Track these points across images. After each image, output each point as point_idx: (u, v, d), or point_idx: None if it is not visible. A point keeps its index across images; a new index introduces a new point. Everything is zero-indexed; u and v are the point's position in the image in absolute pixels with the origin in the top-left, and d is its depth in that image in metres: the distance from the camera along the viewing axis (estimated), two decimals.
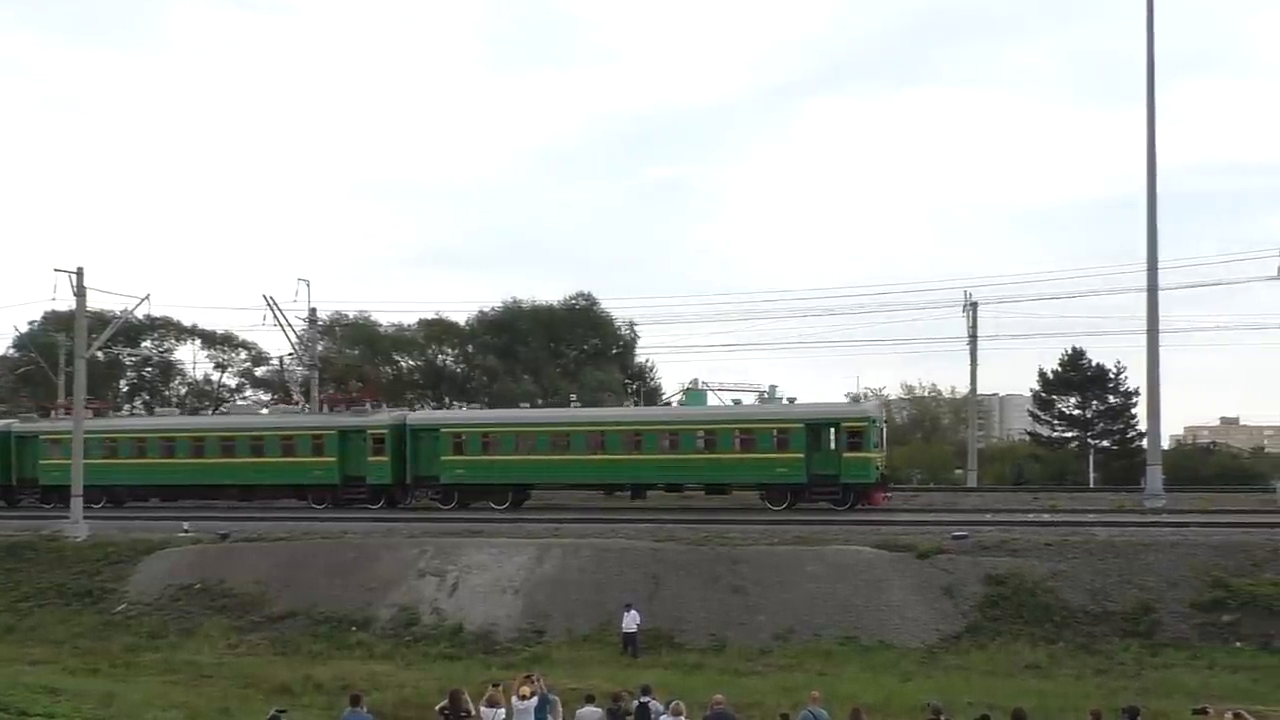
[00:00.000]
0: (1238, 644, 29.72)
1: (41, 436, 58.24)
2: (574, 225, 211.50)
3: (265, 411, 60.83)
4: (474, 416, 55.48)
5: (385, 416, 53.66)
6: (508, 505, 50.80)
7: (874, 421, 48.15)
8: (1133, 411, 74.75)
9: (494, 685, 22.27)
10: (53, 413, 62.39)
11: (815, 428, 47.33)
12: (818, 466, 46.92)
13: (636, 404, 70.45)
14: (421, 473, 52.28)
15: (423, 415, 55.09)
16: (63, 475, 54.97)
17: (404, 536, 40.48)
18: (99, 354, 60.70)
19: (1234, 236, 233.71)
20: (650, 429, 50.05)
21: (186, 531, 43.26)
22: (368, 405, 55.63)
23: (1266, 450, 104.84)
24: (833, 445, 46.92)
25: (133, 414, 73.27)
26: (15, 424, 61.23)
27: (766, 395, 57.48)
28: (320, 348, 75.10)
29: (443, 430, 52.17)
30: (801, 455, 46.89)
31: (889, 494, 49.69)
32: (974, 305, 65.99)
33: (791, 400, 51.52)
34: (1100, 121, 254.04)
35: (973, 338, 66.21)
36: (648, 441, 49.51)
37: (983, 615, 31.98)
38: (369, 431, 52.50)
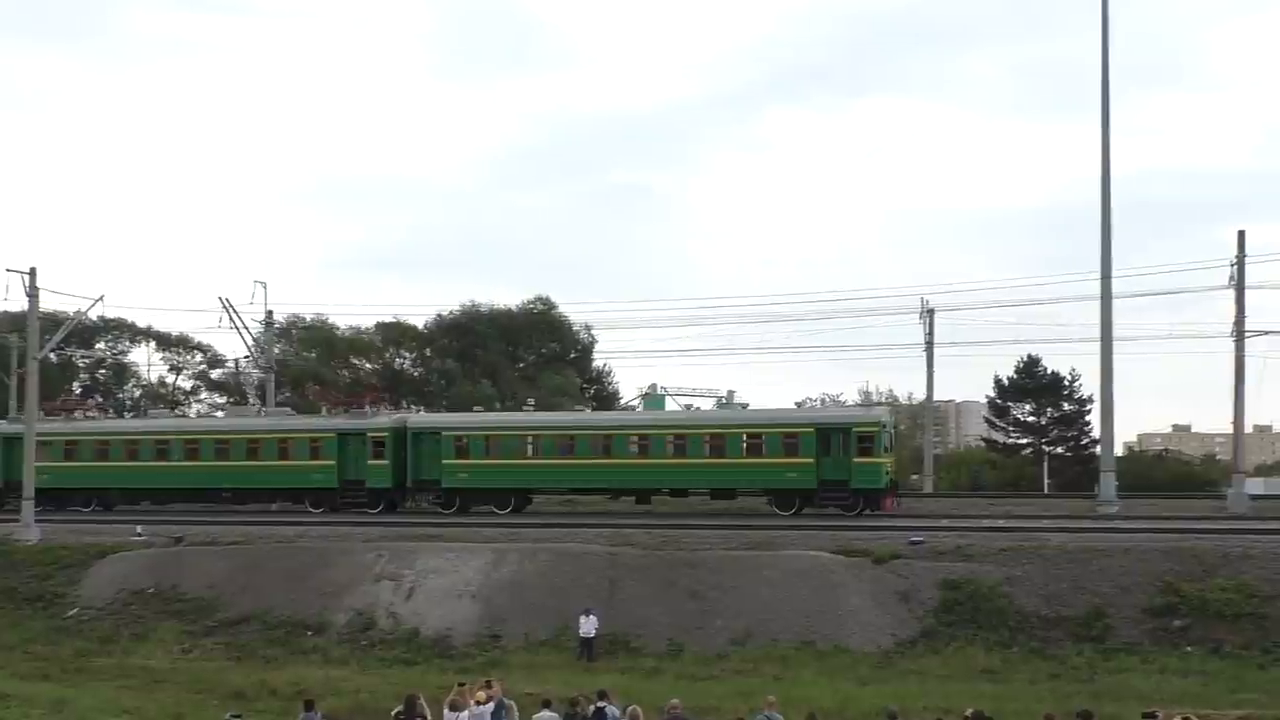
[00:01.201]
0: (1188, 649, 29.99)
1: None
2: (532, 229, 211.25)
3: (262, 414, 59.47)
4: (477, 420, 54.38)
5: (385, 419, 52.82)
6: (510, 510, 50.06)
7: (885, 427, 47.75)
8: (1087, 419, 75.54)
9: (460, 684, 22.26)
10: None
11: (826, 432, 46.65)
12: (828, 472, 46.23)
13: (595, 408, 70.17)
14: (422, 476, 51.37)
15: (424, 418, 54.21)
16: (54, 478, 54.47)
17: (360, 540, 40.26)
18: (52, 356, 59.85)
19: (1186, 246, 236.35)
20: (658, 433, 49.27)
21: (140, 535, 42.85)
22: (367, 408, 54.81)
23: (1217, 458, 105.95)
24: (843, 451, 46.22)
25: (124, 416, 71.57)
26: (3, 424, 59.88)
27: (724, 401, 57.58)
28: (276, 350, 74.81)
29: (445, 433, 51.20)
30: (812, 460, 46.33)
31: (899, 500, 49.07)
32: (931, 312, 66.38)
33: (744, 405, 51.57)
34: (1053, 131, 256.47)
35: (929, 345, 66.61)
36: (655, 446, 48.93)
37: (938, 620, 32.15)
38: (369, 434, 51.57)
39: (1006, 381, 77.78)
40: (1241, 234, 52.22)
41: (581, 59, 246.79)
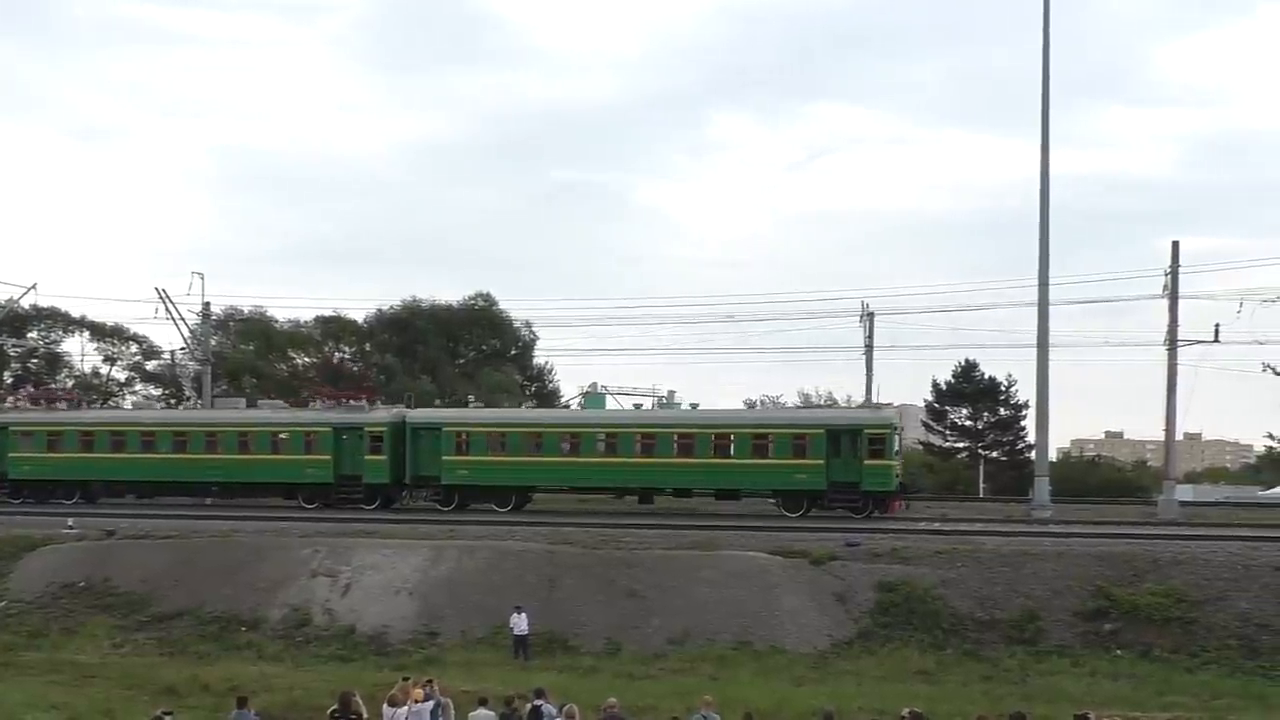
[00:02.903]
0: (1118, 652, 30.46)
1: (12, 428, 55.38)
2: (474, 225, 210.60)
3: (259, 406, 58.15)
4: (479, 416, 53.29)
5: (384, 414, 51.92)
6: (511, 508, 49.34)
7: (895, 429, 47.66)
8: (1022, 424, 76.48)
9: (405, 679, 22.14)
10: (14, 402, 59.86)
11: (836, 434, 46.35)
12: (838, 474, 45.88)
13: (535, 405, 70.04)
14: (421, 473, 50.54)
15: (424, 413, 53.20)
16: (36, 469, 53.63)
17: (297, 536, 39.87)
18: None
19: (1120, 256, 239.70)
20: (665, 432, 48.68)
21: (71, 528, 42.21)
22: (364, 402, 53.84)
23: (1149, 464, 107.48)
24: (854, 452, 45.88)
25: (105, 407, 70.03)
26: None
27: (665, 401, 57.65)
28: (214, 342, 73.99)
29: (445, 429, 50.34)
30: (821, 462, 45.97)
31: (906, 503, 48.82)
32: (870, 316, 66.83)
33: (694, 406, 51.56)
34: (993, 138, 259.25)
35: (869, 347, 67.05)
36: (662, 445, 48.33)
37: (874, 622, 32.41)
38: (367, 429, 50.64)
39: (944, 385, 78.54)
40: (1176, 245, 53.14)
41: (525, 55, 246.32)
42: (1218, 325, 52.32)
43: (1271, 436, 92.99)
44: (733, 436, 47.92)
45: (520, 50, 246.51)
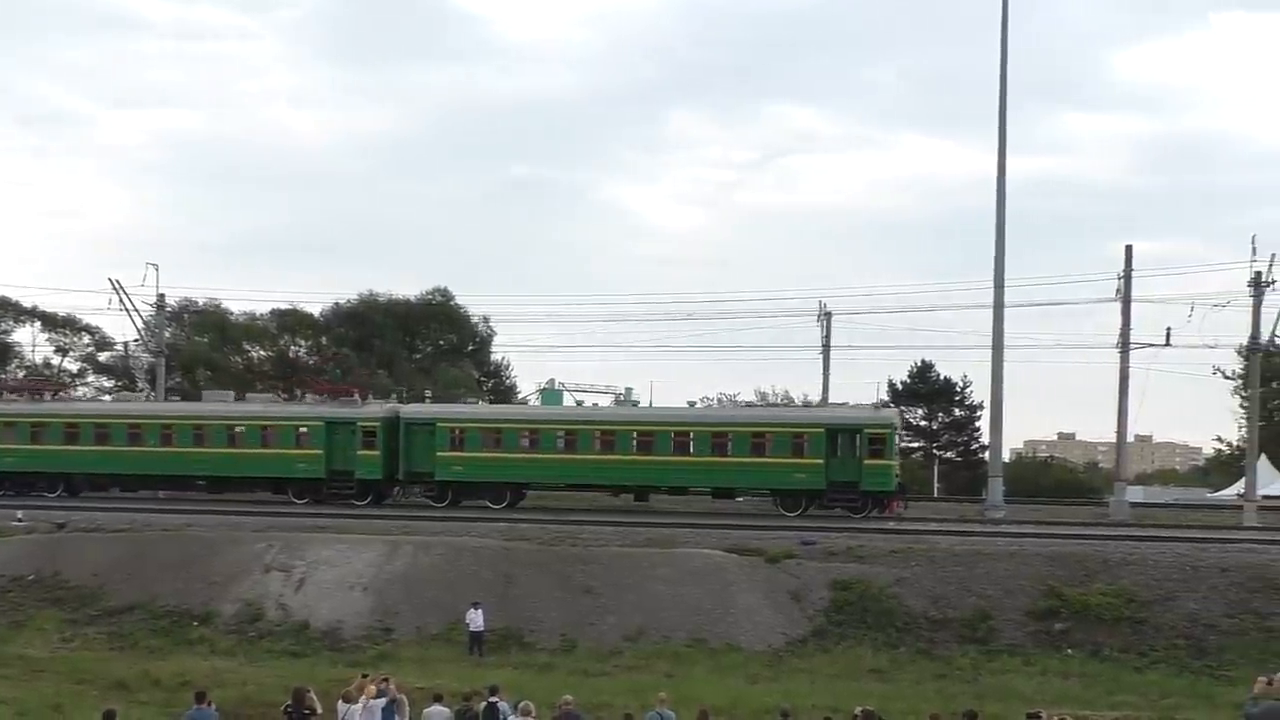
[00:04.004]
0: (1069, 651, 30.77)
1: None
2: (431, 220, 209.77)
3: (246, 399, 57.42)
4: (473, 412, 52.92)
5: (377, 408, 51.44)
6: (505, 504, 49.03)
7: (895, 429, 47.54)
8: (977, 424, 77.18)
9: (364, 675, 22.05)
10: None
11: (836, 433, 46.18)
12: (837, 473, 45.71)
13: (492, 401, 69.86)
14: (414, 468, 50.03)
15: (417, 408, 52.63)
16: (19, 462, 52.83)
17: (250, 530, 39.61)
18: None
19: (1073, 259, 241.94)
20: (662, 429, 48.28)
21: (20, 521, 41.73)
22: (356, 396, 53.27)
23: (1100, 465, 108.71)
24: (854, 452, 45.78)
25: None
26: None
27: (622, 397, 57.76)
28: (168, 334, 73.31)
29: (439, 425, 49.81)
30: (821, 461, 45.76)
31: (905, 503, 48.73)
32: (828, 315, 67.13)
33: (636, 403, 51.58)
34: (950, 141, 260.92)
35: (825, 347, 67.36)
36: (660, 442, 47.93)
37: (828, 620, 32.58)
38: (359, 424, 50.07)
39: (900, 386, 79.04)
40: (1129, 249, 53.78)
41: (483, 49, 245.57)
42: (1169, 329, 53.00)
43: (1220, 439, 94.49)
44: (730, 435, 47.59)
45: (478, 44, 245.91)
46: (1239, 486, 62.82)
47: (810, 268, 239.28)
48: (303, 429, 51.18)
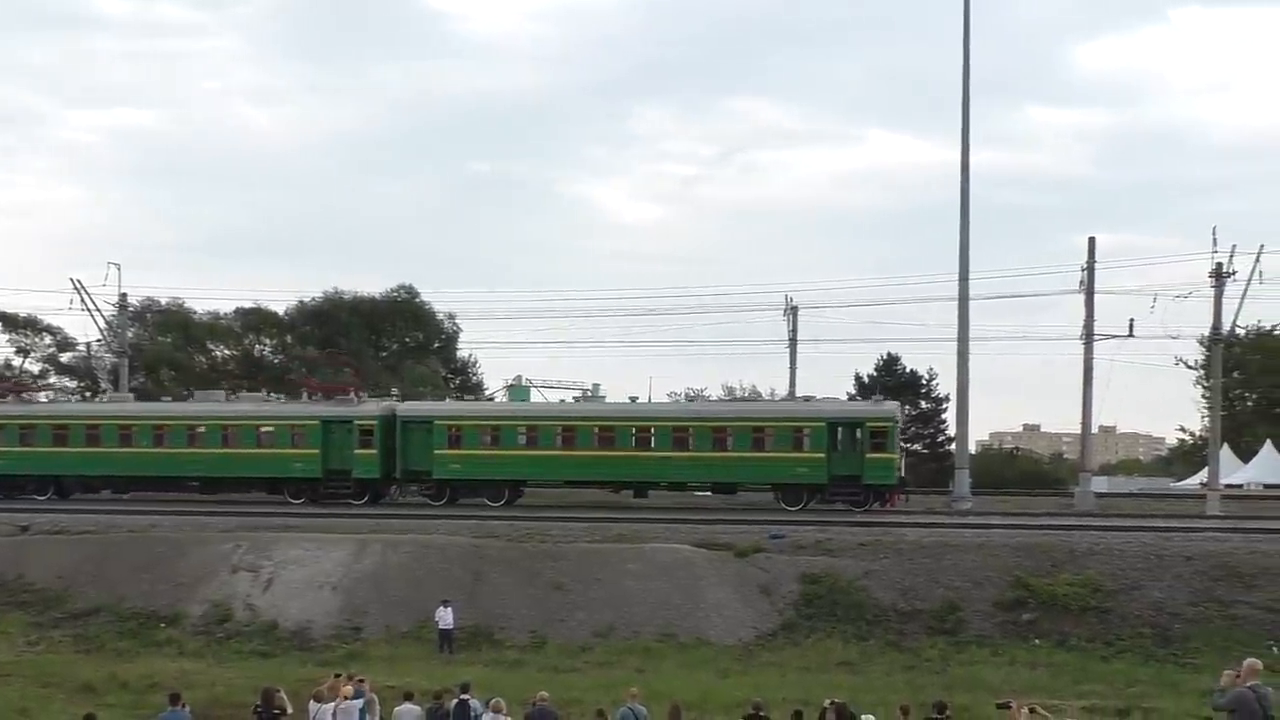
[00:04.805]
0: (1036, 641, 31.00)
1: None
2: (396, 217, 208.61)
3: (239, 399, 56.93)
4: (472, 409, 52.53)
5: (374, 407, 50.87)
6: (504, 502, 48.58)
7: (897, 422, 47.47)
8: (943, 417, 77.46)
9: (336, 675, 21.95)
10: None
11: (838, 427, 46.05)
12: (839, 467, 45.41)
13: (460, 398, 69.60)
14: (411, 467, 49.47)
15: (414, 406, 52.12)
16: (8, 464, 52.20)
17: (217, 530, 39.42)
18: None
19: (1036, 252, 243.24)
20: (662, 425, 48.05)
21: None
22: (352, 395, 52.70)
23: (1065, 456, 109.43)
24: (855, 445, 45.64)
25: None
26: None
27: (589, 394, 57.66)
28: (130, 334, 72.76)
29: (436, 422, 49.30)
30: (823, 455, 45.42)
31: (906, 496, 48.67)
32: (794, 309, 67.30)
33: (603, 399, 51.45)
34: (913, 134, 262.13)
35: (792, 341, 67.53)
36: (659, 438, 47.69)
37: (798, 613, 32.70)
38: (356, 422, 49.50)
39: (866, 379, 79.23)
40: (1092, 241, 54.16)
41: (445, 44, 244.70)
42: (1132, 320, 53.37)
43: (1183, 429, 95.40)
44: (730, 430, 47.33)
45: (441, 40, 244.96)
46: (1202, 476, 63.49)
47: (776, 261, 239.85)
48: (298, 428, 50.68)
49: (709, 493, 50.77)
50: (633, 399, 52.57)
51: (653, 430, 48.03)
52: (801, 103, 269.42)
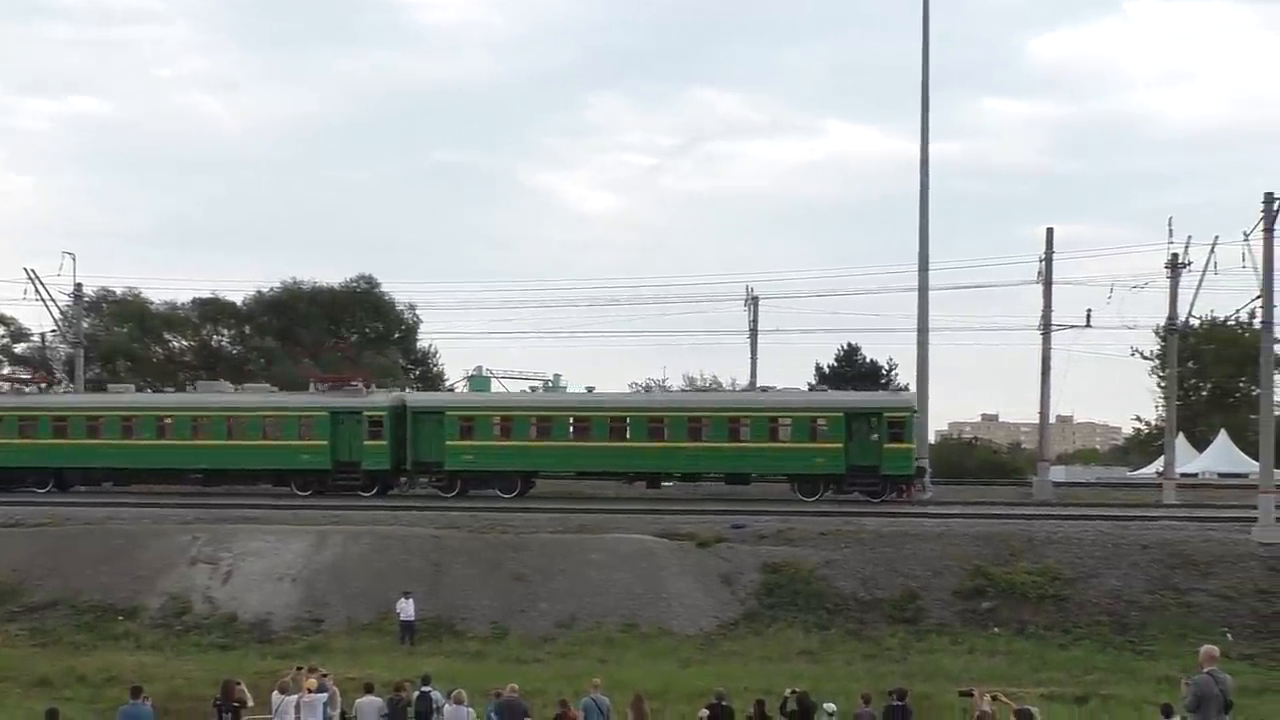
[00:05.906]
0: (995, 629, 31.22)
1: None
2: (354, 207, 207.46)
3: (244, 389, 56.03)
4: (484, 399, 52.22)
5: (383, 397, 50.41)
6: (516, 493, 48.24)
7: (914, 412, 47.47)
8: None
9: (299, 668, 21.80)
10: None
11: (855, 417, 46.03)
12: (856, 457, 45.43)
13: (420, 389, 69.32)
14: (422, 458, 49.09)
15: (424, 397, 51.60)
16: (7, 457, 51.47)
17: (175, 522, 39.12)
18: None
19: (994, 242, 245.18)
20: (676, 415, 47.80)
21: None
22: (360, 385, 52.06)
23: (1023, 446, 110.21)
24: (873, 436, 45.62)
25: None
26: None
27: (550, 384, 57.54)
28: (86, 325, 72.04)
29: (448, 413, 48.99)
30: (840, 445, 45.46)
31: (923, 486, 48.54)
32: (755, 300, 67.46)
33: (564, 389, 51.35)
34: (873, 126, 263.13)
35: (753, 331, 67.69)
36: (673, 428, 47.33)
37: (759, 603, 32.79)
38: (365, 413, 49.01)
39: (827, 369, 79.57)
40: (1050, 231, 54.65)
41: (402, 33, 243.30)
42: (1089, 310, 53.91)
43: (1139, 419, 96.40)
44: (746, 420, 47.18)
45: (397, 28, 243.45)
46: (1158, 465, 64.13)
47: (736, 251, 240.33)
48: (306, 419, 50.08)
49: (723, 483, 50.37)
50: (589, 389, 52.49)
51: (666, 421, 47.78)
52: (761, 93, 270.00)
